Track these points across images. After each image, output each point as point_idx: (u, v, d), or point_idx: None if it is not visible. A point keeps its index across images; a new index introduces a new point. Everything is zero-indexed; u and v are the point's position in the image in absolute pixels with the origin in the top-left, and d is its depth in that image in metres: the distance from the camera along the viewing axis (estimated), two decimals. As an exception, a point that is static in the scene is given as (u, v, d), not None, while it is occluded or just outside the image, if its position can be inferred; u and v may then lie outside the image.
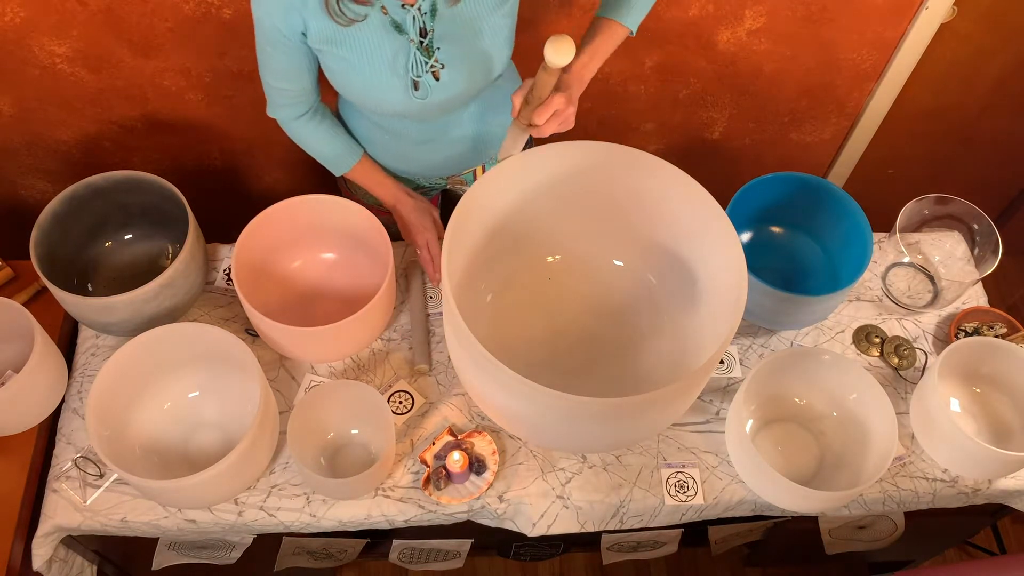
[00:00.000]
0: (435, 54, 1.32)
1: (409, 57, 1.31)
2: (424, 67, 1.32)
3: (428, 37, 1.30)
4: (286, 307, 1.60)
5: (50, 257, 1.51)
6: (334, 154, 1.54)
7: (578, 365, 1.51)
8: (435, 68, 1.33)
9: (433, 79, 1.34)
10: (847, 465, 1.49)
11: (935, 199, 1.70)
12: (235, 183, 2.15)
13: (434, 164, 1.59)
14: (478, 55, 1.34)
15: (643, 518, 1.49)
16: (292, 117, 1.47)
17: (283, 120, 1.49)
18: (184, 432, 1.49)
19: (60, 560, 1.51)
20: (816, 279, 1.66)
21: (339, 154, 1.54)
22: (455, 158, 1.58)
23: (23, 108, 1.85)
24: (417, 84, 1.34)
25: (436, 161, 1.58)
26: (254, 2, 1.28)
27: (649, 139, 2.15)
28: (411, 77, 1.33)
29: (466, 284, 1.47)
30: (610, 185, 1.45)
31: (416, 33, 1.29)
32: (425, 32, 1.29)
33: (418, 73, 1.33)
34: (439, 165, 1.60)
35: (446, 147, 1.54)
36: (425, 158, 1.57)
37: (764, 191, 1.63)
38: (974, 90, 2.13)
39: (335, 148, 1.53)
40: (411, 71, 1.32)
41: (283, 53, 1.34)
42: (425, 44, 1.30)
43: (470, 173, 1.66)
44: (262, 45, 1.34)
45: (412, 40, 1.30)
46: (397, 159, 1.58)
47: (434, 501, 1.45)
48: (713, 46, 1.89)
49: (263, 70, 1.40)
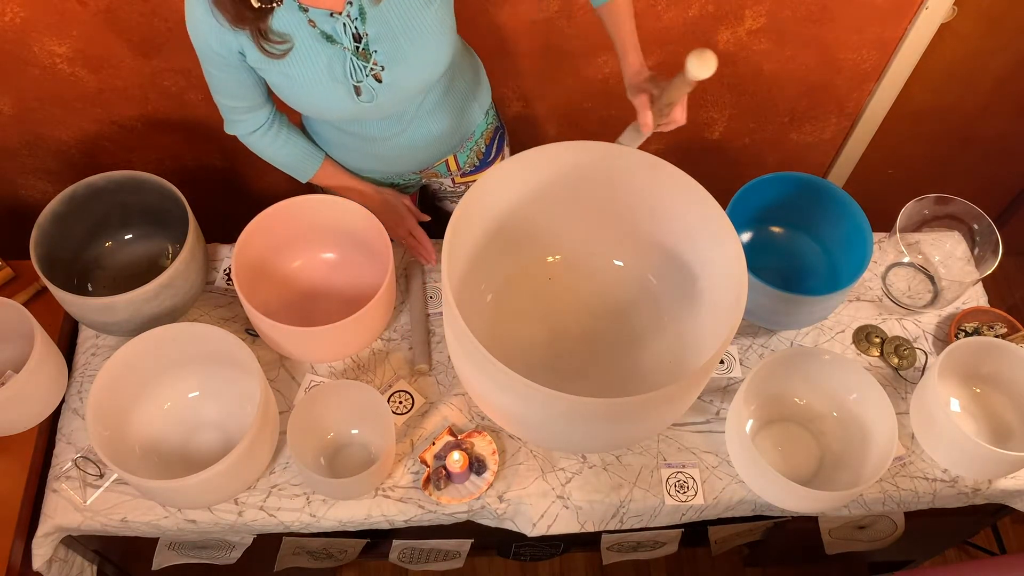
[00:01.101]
0: (372, 56, 1.32)
1: (346, 64, 1.31)
2: (364, 71, 1.33)
3: (363, 41, 1.30)
4: (286, 307, 1.60)
5: (50, 257, 1.51)
6: (295, 162, 1.55)
7: (578, 365, 1.51)
8: (375, 71, 1.33)
9: (376, 82, 1.34)
10: (847, 465, 1.49)
11: (935, 199, 1.70)
12: (235, 183, 2.15)
13: (404, 159, 1.59)
14: (417, 51, 1.33)
15: (643, 518, 1.49)
16: (249, 131, 1.49)
17: (241, 136, 1.50)
18: (184, 432, 1.49)
19: (60, 560, 1.51)
20: (816, 279, 1.66)
21: (300, 161, 1.55)
22: (424, 150, 1.58)
23: (23, 108, 1.85)
24: (359, 89, 1.35)
25: (405, 156, 1.58)
26: (189, 30, 1.29)
27: (649, 139, 2.14)
28: (352, 83, 1.33)
29: (466, 284, 1.47)
30: (610, 185, 1.45)
31: (349, 40, 1.29)
32: (359, 37, 1.29)
33: (359, 79, 1.33)
34: (409, 160, 1.60)
35: (412, 141, 1.54)
36: (393, 155, 1.57)
37: (764, 191, 1.63)
38: (974, 90, 2.13)
39: (295, 156, 1.55)
40: (351, 77, 1.33)
41: (227, 73, 1.35)
42: (361, 48, 1.30)
43: (443, 164, 1.66)
44: (206, 68, 1.36)
45: (346, 48, 1.30)
46: (367, 160, 1.58)
47: (434, 501, 1.45)
48: (713, 46, 1.89)
49: (212, 91, 1.41)
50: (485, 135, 1.66)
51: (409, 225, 1.63)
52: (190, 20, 1.27)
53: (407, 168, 1.63)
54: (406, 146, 1.55)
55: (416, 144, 1.55)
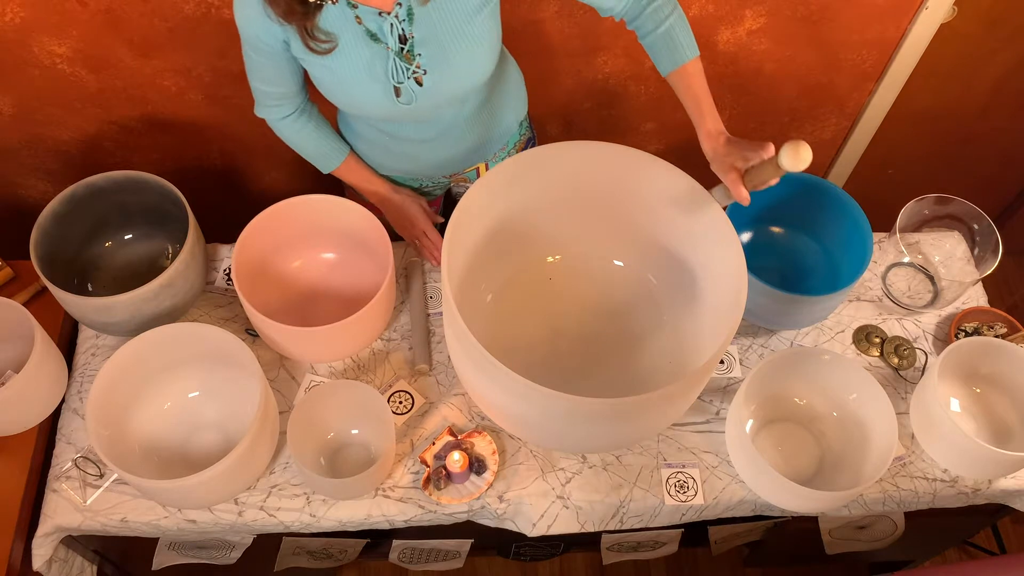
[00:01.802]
0: (416, 59, 1.32)
1: (388, 64, 1.31)
2: (406, 73, 1.33)
3: (409, 43, 1.30)
4: (286, 307, 1.60)
5: (50, 257, 1.51)
6: (320, 152, 1.56)
7: (578, 365, 1.51)
8: (417, 74, 1.33)
9: (416, 85, 1.34)
10: (847, 465, 1.49)
11: (935, 199, 1.70)
12: (235, 183, 2.15)
13: (435, 163, 1.59)
14: (462, 58, 1.33)
15: (643, 518, 1.49)
16: (279, 117, 1.49)
17: (270, 120, 1.51)
18: (184, 432, 1.49)
19: (60, 560, 1.51)
20: (816, 279, 1.66)
21: (325, 153, 1.56)
22: (456, 157, 1.58)
23: (23, 108, 1.85)
24: (399, 91, 1.35)
25: (437, 160, 1.58)
26: (236, 13, 1.29)
27: (649, 139, 2.15)
28: (392, 84, 1.34)
29: (466, 284, 1.47)
30: (610, 185, 1.45)
31: (395, 40, 1.29)
32: (405, 38, 1.29)
33: (399, 80, 1.33)
34: (440, 164, 1.60)
35: (446, 147, 1.54)
36: (425, 157, 1.57)
37: (764, 191, 1.62)
38: (974, 90, 2.13)
39: (321, 147, 1.55)
40: (392, 78, 1.33)
41: (267, 60, 1.36)
42: (406, 51, 1.30)
43: (473, 171, 1.66)
44: (246, 51, 1.36)
45: (390, 48, 1.30)
46: (398, 160, 1.58)
47: (434, 501, 1.45)
48: (713, 46, 1.89)
49: (249, 73, 1.41)
50: (518, 145, 1.66)
51: (423, 226, 1.64)
52: (238, 5, 1.28)
53: (438, 172, 1.63)
54: (439, 151, 1.55)
55: (449, 150, 1.55)
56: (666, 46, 1.35)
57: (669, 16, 1.34)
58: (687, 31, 1.36)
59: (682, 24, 1.35)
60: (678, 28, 1.35)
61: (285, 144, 1.55)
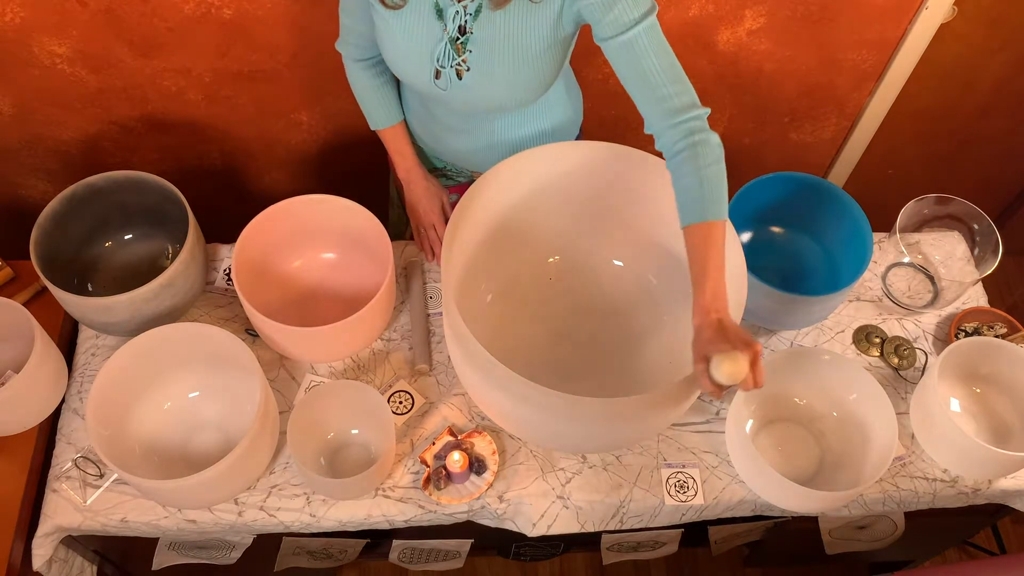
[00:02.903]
0: (465, 53, 1.32)
1: (439, 45, 1.32)
2: (450, 61, 1.33)
3: (465, 36, 1.31)
4: (286, 307, 1.60)
5: (50, 257, 1.50)
6: (376, 108, 1.57)
7: (578, 365, 1.51)
8: (460, 67, 1.34)
9: (456, 76, 1.35)
10: (847, 465, 1.49)
11: (935, 199, 1.70)
12: (235, 183, 2.15)
13: (461, 154, 1.60)
14: (505, 73, 1.33)
15: (643, 518, 1.49)
16: (353, 58, 1.51)
17: (345, 57, 1.52)
18: (184, 432, 1.49)
19: (60, 560, 1.51)
20: (816, 279, 1.66)
21: (382, 111, 1.57)
22: (483, 157, 1.57)
23: (23, 108, 1.85)
24: (439, 74, 1.35)
25: (464, 152, 1.59)
26: None
27: (649, 139, 2.14)
28: (435, 65, 1.34)
29: (466, 284, 1.47)
30: (610, 185, 1.45)
31: (454, 27, 1.30)
32: (464, 30, 1.30)
33: (443, 64, 1.34)
34: (466, 157, 1.60)
35: (475, 144, 1.55)
36: (453, 146, 1.58)
37: (764, 191, 1.63)
38: (974, 90, 2.13)
39: (379, 103, 1.56)
40: (436, 60, 1.34)
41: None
42: (459, 42, 1.31)
43: None
44: None
45: (447, 30, 1.31)
46: (430, 137, 1.60)
47: (434, 501, 1.45)
48: (713, 46, 1.89)
49: (340, 4, 1.43)
50: None
51: (435, 219, 1.64)
52: None
53: (465, 166, 1.64)
54: (467, 144, 1.56)
55: (478, 149, 1.56)
56: (698, 194, 1.21)
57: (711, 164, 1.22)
58: (722, 189, 1.23)
59: (721, 182, 1.23)
60: (714, 179, 1.22)
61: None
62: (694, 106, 1.24)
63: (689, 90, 1.25)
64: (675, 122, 1.24)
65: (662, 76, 1.23)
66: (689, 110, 1.24)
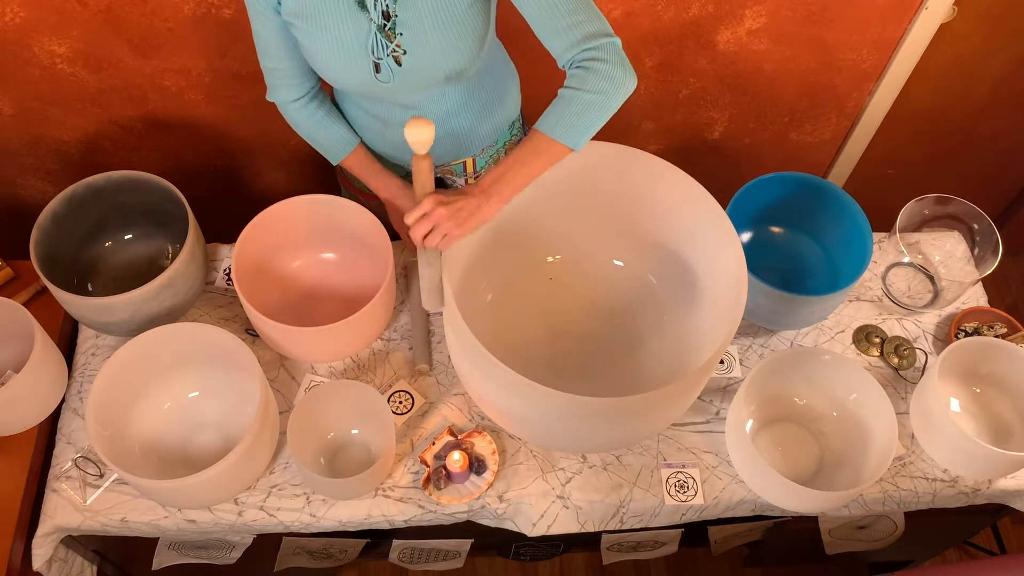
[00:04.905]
0: (396, 39, 1.32)
1: (370, 38, 1.32)
2: (385, 50, 1.33)
3: (391, 21, 1.30)
4: (286, 307, 1.60)
5: (50, 257, 1.51)
6: (329, 142, 1.54)
7: (578, 365, 1.51)
8: (396, 53, 1.33)
9: (395, 64, 1.34)
10: (847, 465, 1.49)
11: (935, 199, 1.70)
12: (235, 183, 2.15)
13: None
14: (440, 39, 1.33)
15: (643, 518, 1.49)
16: (288, 100, 1.48)
17: (281, 104, 1.49)
18: (184, 432, 1.49)
19: (60, 560, 1.51)
20: (816, 279, 1.66)
21: (335, 142, 1.54)
22: (439, 146, 1.57)
23: (23, 108, 1.85)
24: (379, 67, 1.35)
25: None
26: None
27: (649, 139, 2.15)
28: (372, 59, 1.34)
29: (466, 284, 1.47)
30: (610, 185, 1.45)
31: (378, 15, 1.30)
32: (388, 15, 1.30)
33: (379, 56, 1.33)
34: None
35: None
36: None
37: (764, 191, 1.63)
38: (974, 90, 2.13)
39: (331, 136, 1.53)
40: (372, 53, 1.33)
41: (266, 28, 1.36)
42: (387, 28, 1.31)
43: (460, 164, 1.66)
44: (252, 22, 1.37)
45: (373, 20, 1.30)
46: (388, 146, 1.58)
47: (434, 501, 1.45)
48: (713, 46, 1.89)
49: (258, 52, 1.41)
50: (508, 146, 1.66)
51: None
52: None
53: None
54: None
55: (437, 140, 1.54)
56: (561, 111, 1.26)
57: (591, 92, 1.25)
58: (586, 124, 1.26)
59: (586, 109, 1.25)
60: (578, 104, 1.25)
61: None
62: (601, 35, 1.24)
63: (596, 19, 1.25)
64: (579, 49, 1.24)
65: (565, 5, 1.24)
66: (595, 39, 1.24)
